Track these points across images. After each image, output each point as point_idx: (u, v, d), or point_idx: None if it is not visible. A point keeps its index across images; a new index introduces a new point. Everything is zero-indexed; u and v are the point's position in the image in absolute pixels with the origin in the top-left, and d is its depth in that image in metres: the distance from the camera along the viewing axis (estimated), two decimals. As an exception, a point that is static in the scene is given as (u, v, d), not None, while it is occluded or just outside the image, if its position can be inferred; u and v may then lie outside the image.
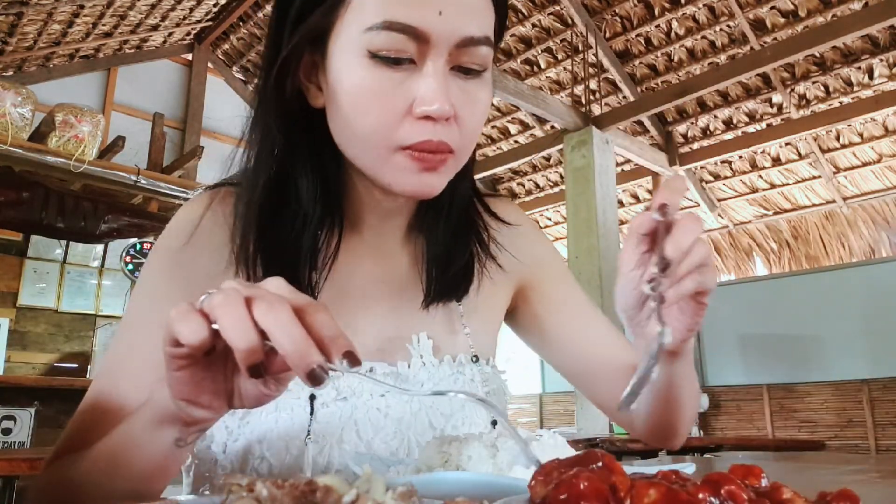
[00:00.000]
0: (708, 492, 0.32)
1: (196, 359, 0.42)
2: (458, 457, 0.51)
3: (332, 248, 0.68)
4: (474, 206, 0.76)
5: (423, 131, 0.57)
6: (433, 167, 0.59)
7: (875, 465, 0.98)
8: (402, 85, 0.57)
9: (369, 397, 0.66)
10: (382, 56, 0.56)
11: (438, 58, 0.56)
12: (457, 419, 0.70)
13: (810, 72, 5.18)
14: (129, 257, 5.38)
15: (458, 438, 0.53)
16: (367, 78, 0.57)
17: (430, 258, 0.73)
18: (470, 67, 0.59)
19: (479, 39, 0.58)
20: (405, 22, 0.54)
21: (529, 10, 5.60)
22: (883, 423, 5.14)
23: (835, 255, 6.01)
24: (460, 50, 0.57)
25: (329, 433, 0.64)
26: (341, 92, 0.59)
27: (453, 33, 0.56)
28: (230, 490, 0.32)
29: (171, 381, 0.43)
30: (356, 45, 0.56)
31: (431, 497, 0.41)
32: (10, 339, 6.22)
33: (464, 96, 0.59)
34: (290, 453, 0.62)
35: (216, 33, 7.29)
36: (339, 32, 0.58)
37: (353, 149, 0.62)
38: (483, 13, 0.59)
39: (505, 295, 0.80)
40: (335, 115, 0.61)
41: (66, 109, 4.56)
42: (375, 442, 0.65)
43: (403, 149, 0.58)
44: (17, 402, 3.31)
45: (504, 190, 7.48)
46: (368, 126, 0.58)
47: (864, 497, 0.34)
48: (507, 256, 0.78)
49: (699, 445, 4.14)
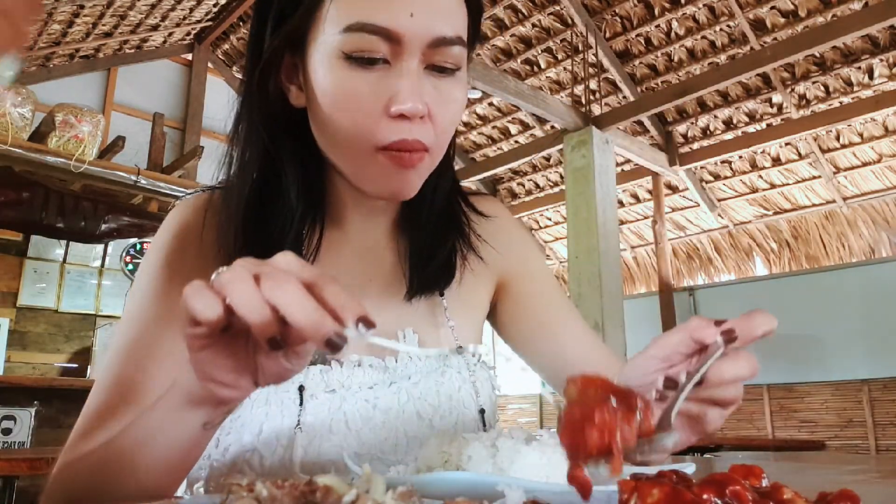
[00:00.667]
0: (712, 492, 0.32)
1: (215, 337, 0.42)
2: (458, 457, 0.51)
3: (314, 245, 0.69)
4: (457, 201, 0.77)
5: (399, 130, 0.59)
6: (410, 164, 0.60)
7: (875, 465, 0.98)
8: (376, 85, 0.58)
9: (358, 389, 0.67)
10: (356, 57, 0.58)
11: (411, 58, 0.58)
12: (444, 409, 0.71)
13: (810, 72, 5.18)
14: (129, 257, 5.38)
15: (459, 438, 0.53)
16: (342, 78, 0.58)
17: (413, 252, 0.74)
18: (443, 66, 0.60)
19: (451, 39, 0.59)
20: (377, 23, 0.56)
21: (529, 10, 5.60)
22: (883, 423, 5.14)
23: (835, 255, 6.01)
24: (433, 50, 0.59)
25: (318, 424, 0.65)
26: (319, 93, 0.60)
27: (425, 34, 0.58)
28: (230, 490, 0.32)
29: (195, 362, 0.44)
30: (331, 47, 0.58)
31: (431, 497, 0.41)
32: (10, 339, 6.22)
33: (438, 94, 0.60)
34: (281, 444, 0.63)
35: (216, 33, 7.29)
36: (315, 35, 0.60)
37: (333, 149, 0.64)
38: (455, 13, 0.60)
39: (487, 288, 0.82)
40: (315, 117, 0.63)
41: (66, 109, 4.56)
42: (364, 432, 0.66)
43: (382, 149, 0.59)
44: (17, 402, 3.31)
45: (504, 190, 7.48)
46: (346, 126, 0.60)
47: (864, 497, 0.34)
48: (489, 250, 0.80)
49: (699, 445, 4.14)
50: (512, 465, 0.48)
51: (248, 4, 6.79)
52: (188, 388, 0.47)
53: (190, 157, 5.75)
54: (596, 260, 4.67)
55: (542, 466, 0.48)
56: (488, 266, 0.81)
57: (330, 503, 0.31)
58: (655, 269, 6.68)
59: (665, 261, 6.36)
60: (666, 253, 6.37)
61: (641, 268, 7.20)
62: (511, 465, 0.48)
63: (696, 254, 6.85)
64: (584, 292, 4.70)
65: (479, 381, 0.75)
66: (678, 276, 6.83)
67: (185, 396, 0.48)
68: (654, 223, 6.31)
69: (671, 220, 6.69)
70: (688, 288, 6.49)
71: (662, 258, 6.35)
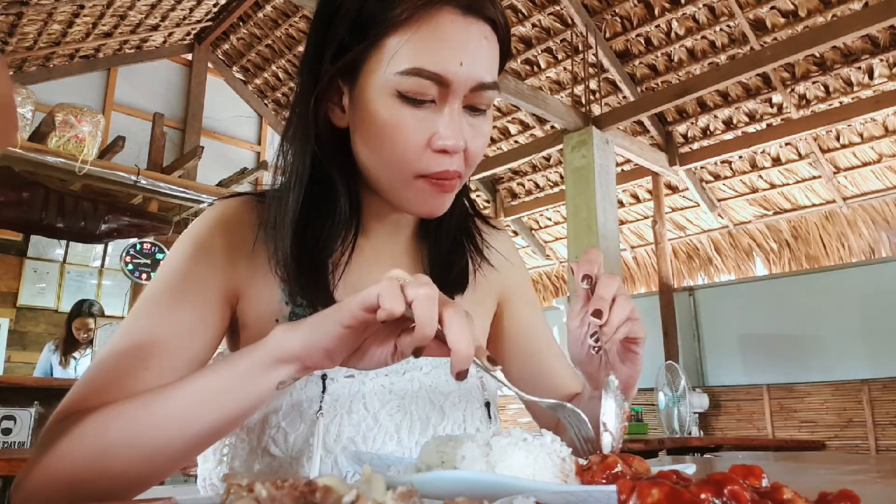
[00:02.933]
0: (710, 492, 0.32)
1: (370, 324, 0.53)
2: (453, 457, 0.51)
3: (347, 254, 0.76)
4: (470, 217, 0.87)
5: (441, 162, 0.67)
6: (448, 190, 0.70)
7: (875, 465, 0.98)
8: (423, 121, 0.66)
9: (374, 376, 0.74)
10: (410, 97, 0.65)
11: (455, 100, 0.67)
12: (454, 397, 0.78)
13: (810, 72, 5.18)
14: (129, 257, 5.37)
15: (454, 438, 0.53)
16: (395, 114, 0.66)
17: (433, 261, 0.83)
18: (478, 107, 0.69)
19: (489, 84, 0.68)
20: (433, 70, 0.64)
21: (529, 10, 5.61)
22: (883, 423, 5.14)
23: (835, 255, 6.01)
24: (473, 93, 0.67)
25: (339, 405, 0.71)
26: (370, 123, 0.68)
27: (469, 80, 0.66)
28: (230, 490, 0.32)
29: (331, 334, 0.53)
30: (387, 85, 0.66)
31: (431, 497, 0.41)
32: (10, 339, 6.23)
33: (472, 130, 0.69)
34: (304, 423, 0.69)
35: (216, 33, 7.29)
36: (371, 69, 0.67)
37: (375, 171, 0.71)
38: (494, 62, 0.69)
39: (492, 299, 0.90)
40: (362, 141, 0.70)
41: (66, 109, 4.56)
42: (381, 414, 0.72)
43: (422, 177, 0.68)
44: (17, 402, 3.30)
45: (504, 190, 7.48)
46: (393, 155, 0.68)
47: (865, 497, 0.34)
48: (495, 267, 0.89)
49: (699, 445, 4.15)
50: (500, 464, 0.49)
51: (248, 4, 6.79)
52: (284, 347, 0.55)
53: (190, 157, 5.74)
54: (596, 260, 4.66)
55: (529, 466, 0.48)
56: (493, 280, 0.89)
57: (330, 503, 0.31)
58: (655, 270, 6.68)
59: (665, 261, 6.36)
60: (666, 253, 6.37)
61: (641, 268, 7.20)
62: (499, 465, 0.49)
63: (696, 254, 6.85)
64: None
65: (485, 377, 0.82)
66: (678, 276, 6.83)
67: (275, 355, 0.55)
68: (654, 223, 6.32)
69: (671, 220, 6.69)
70: (688, 288, 6.49)
71: (662, 258, 6.35)
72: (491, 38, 0.68)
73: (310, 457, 0.67)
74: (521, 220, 7.67)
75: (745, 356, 5.85)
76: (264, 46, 7.28)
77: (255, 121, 7.97)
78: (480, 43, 0.66)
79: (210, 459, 0.75)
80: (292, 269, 0.71)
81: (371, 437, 0.70)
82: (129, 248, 5.39)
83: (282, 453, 0.68)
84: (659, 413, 5.15)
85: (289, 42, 7.04)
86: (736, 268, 6.65)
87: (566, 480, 0.49)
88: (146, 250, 5.47)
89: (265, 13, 6.87)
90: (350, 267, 0.77)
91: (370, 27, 0.65)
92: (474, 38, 0.66)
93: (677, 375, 5.08)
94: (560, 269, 7.78)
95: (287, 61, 7.25)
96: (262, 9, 6.83)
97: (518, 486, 0.42)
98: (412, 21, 0.64)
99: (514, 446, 0.50)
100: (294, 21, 6.75)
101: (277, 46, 7.21)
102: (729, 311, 5.97)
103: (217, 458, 0.74)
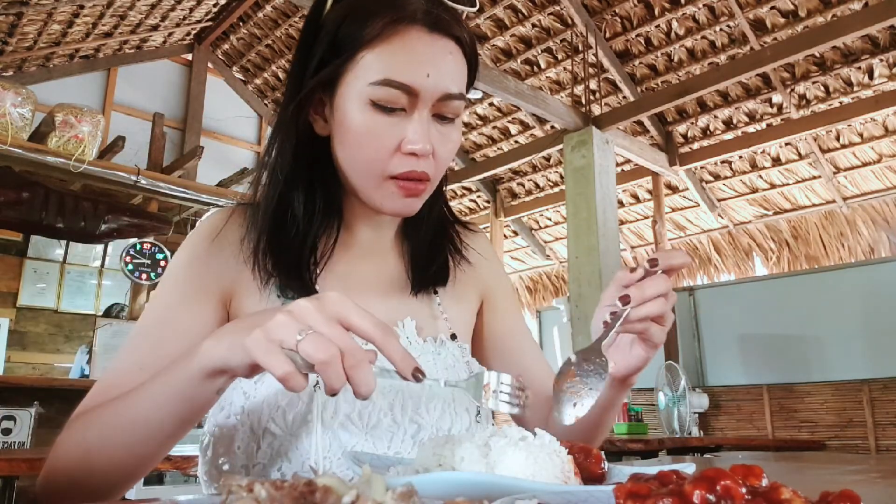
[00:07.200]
0: (703, 488, 0.31)
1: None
2: (451, 458, 0.51)
3: (329, 247, 0.82)
4: (447, 218, 0.93)
5: (409, 164, 0.73)
6: (415, 193, 0.75)
7: (875, 465, 0.98)
8: (394, 128, 0.72)
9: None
10: (381, 105, 0.72)
11: (424, 108, 0.73)
12: (444, 375, 0.81)
13: (810, 72, 5.18)
14: (129, 257, 5.37)
15: (452, 440, 0.53)
16: (367, 120, 0.72)
17: (414, 257, 0.89)
18: (446, 116, 0.75)
19: (455, 95, 0.74)
20: (402, 80, 0.70)
21: (529, 10, 5.61)
22: (883, 423, 5.14)
23: (835, 255, 6.01)
24: (441, 102, 0.73)
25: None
26: (347, 129, 0.74)
27: (436, 90, 0.72)
28: (230, 490, 0.32)
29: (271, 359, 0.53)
30: (361, 95, 0.72)
31: (431, 497, 0.41)
32: (10, 339, 6.23)
33: (440, 137, 0.75)
34: (303, 401, 0.73)
35: (216, 33, 7.30)
36: (347, 82, 0.73)
37: (351, 174, 0.77)
38: (460, 74, 0.75)
39: (475, 295, 0.95)
40: (340, 147, 0.77)
41: (66, 109, 4.55)
42: (375, 391, 0.72)
43: (392, 178, 0.74)
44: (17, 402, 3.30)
45: (504, 190, 7.48)
46: (366, 158, 0.74)
47: (865, 497, 0.34)
48: (475, 266, 0.94)
49: (699, 445, 4.15)
50: (499, 464, 0.49)
51: (248, 4, 6.79)
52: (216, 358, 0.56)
53: (190, 157, 5.75)
54: (596, 260, 4.67)
55: (529, 466, 0.48)
56: (474, 277, 0.94)
57: (329, 503, 0.31)
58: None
59: (665, 261, 6.34)
60: (666, 253, 6.36)
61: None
62: (498, 465, 0.49)
63: (696, 254, 6.85)
64: (584, 292, 4.70)
65: (472, 364, 0.86)
66: (678, 275, 6.83)
67: (209, 366, 0.57)
68: (654, 223, 6.32)
69: (671, 220, 6.69)
70: (688, 288, 6.48)
71: (662, 258, 6.34)
72: (457, 53, 0.74)
73: (309, 433, 0.71)
74: (521, 220, 7.67)
75: (744, 356, 5.84)
76: (264, 46, 7.29)
77: (254, 121, 7.97)
78: (446, 57, 0.73)
79: (209, 452, 0.77)
80: (270, 257, 0.77)
81: (366, 413, 0.74)
82: (129, 249, 5.39)
83: (282, 431, 0.72)
84: (659, 413, 5.15)
85: (289, 42, 7.04)
86: (736, 268, 6.65)
87: (566, 481, 0.49)
88: (146, 250, 5.47)
89: (265, 13, 6.87)
90: (336, 263, 0.83)
91: (347, 44, 0.72)
92: (440, 53, 0.73)
93: (677, 375, 5.08)
94: (560, 268, 7.77)
95: (287, 61, 7.25)
96: (262, 9, 6.83)
97: (518, 487, 0.42)
98: (383, 38, 0.71)
99: (513, 446, 0.50)
100: (294, 21, 6.75)
101: (277, 46, 7.21)
102: (729, 311, 5.97)
103: (214, 451, 0.77)
